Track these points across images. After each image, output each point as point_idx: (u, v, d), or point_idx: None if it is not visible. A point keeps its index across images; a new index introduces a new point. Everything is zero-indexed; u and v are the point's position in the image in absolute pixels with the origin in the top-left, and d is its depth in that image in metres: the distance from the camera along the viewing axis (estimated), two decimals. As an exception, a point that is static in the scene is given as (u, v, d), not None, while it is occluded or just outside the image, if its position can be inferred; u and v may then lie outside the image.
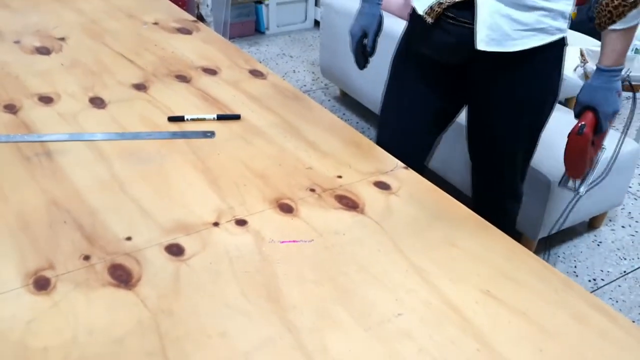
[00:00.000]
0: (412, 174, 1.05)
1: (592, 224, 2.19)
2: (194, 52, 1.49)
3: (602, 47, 1.19)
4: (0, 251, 0.82)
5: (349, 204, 0.96)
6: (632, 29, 1.16)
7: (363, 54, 1.37)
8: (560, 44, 1.24)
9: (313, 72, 3.36)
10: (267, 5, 3.85)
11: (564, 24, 1.22)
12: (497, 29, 1.17)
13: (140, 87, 1.30)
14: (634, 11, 1.12)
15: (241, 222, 0.90)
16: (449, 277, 0.82)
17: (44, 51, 1.45)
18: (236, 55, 1.51)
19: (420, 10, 1.27)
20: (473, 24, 1.19)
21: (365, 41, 1.36)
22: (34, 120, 1.15)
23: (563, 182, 1.40)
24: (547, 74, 1.28)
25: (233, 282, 0.79)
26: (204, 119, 1.19)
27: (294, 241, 0.88)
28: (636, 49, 2.27)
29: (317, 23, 4.09)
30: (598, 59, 1.21)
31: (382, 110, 1.46)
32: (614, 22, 1.14)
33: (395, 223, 0.92)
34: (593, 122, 1.22)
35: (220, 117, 1.19)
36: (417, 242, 0.88)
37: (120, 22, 1.66)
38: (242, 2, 3.73)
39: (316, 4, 4.05)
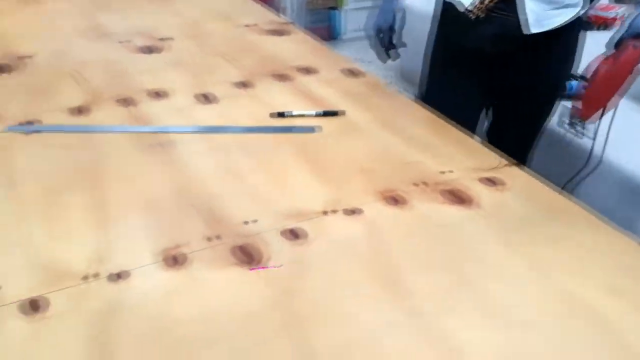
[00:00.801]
0: (517, 171, 1.06)
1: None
2: (290, 53, 1.54)
3: None
4: (134, 230, 0.89)
5: (457, 199, 0.98)
6: None
7: (387, 48, 1.43)
8: (580, 18, 1.37)
9: (388, 77, 3.38)
10: (341, 11, 3.91)
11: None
12: (539, 12, 1.32)
13: (243, 85, 1.36)
14: None
15: (351, 212, 0.93)
16: (569, 271, 0.82)
17: (149, 50, 1.54)
18: (330, 55, 1.55)
19: (466, 4, 1.35)
20: (513, 13, 1.32)
21: (382, 37, 1.44)
22: (148, 113, 1.23)
23: (571, 125, 1.45)
24: (573, 48, 1.43)
25: (352, 267, 0.82)
26: (305, 115, 1.23)
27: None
28: None
29: (390, 29, 4.11)
30: None
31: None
32: None
33: (507, 218, 0.93)
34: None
35: (322, 114, 1.23)
36: (531, 237, 0.89)
37: (218, 25, 1.73)
38: (316, 9, 3.81)
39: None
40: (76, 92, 1.31)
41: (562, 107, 1.49)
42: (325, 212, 0.93)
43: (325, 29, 3.91)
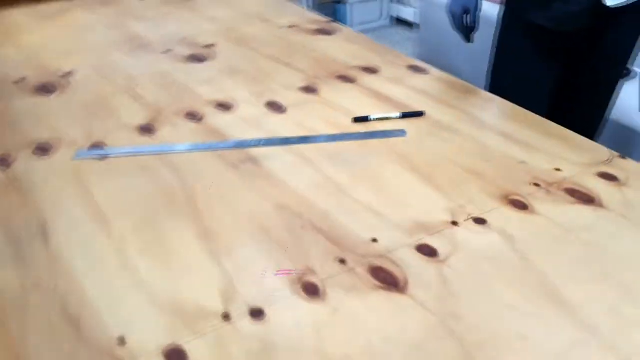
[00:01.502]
0: (631, 163, 1.00)
1: None
2: (344, 53, 1.47)
3: None
4: (256, 257, 0.81)
5: (583, 197, 0.92)
6: None
7: (467, 29, 1.42)
8: None
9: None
10: (345, 5, 3.84)
11: None
12: None
13: (309, 90, 1.29)
14: None
15: (480, 221, 0.87)
16: None
17: (198, 59, 1.46)
18: (387, 52, 1.48)
19: None
20: None
21: (466, 17, 1.42)
22: (218, 126, 1.15)
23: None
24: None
25: (504, 282, 0.76)
26: (388, 118, 1.16)
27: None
28: None
29: (393, 20, 4.05)
30: None
31: (495, 88, 1.47)
32: None
33: (645, 215, 0.87)
34: None
35: (405, 115, 1.17)
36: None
37: (257, 28, 1.65)
38: (323, 3, 3.73)
39: (392, 1, 4.01)
40: (135, 109, 1.23)
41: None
42: (454, 223, 0.86)
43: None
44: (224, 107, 1.22)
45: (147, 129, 1.15)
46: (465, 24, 1.41)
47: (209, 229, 0.87)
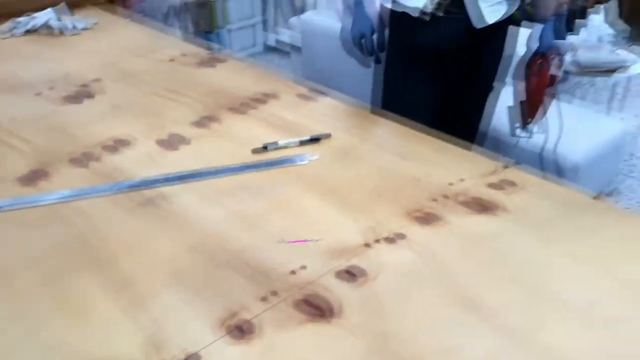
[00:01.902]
0: (519, 172, 1.08)
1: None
2: (234, 82, 1.46)
3: (543, 2, 1.46)
4: (176, 304, 0.77)
5: (480, 207, 0.98)
6: None
7: (371, 53, 1.54)
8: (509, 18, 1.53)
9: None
10: (217, 34, 3.82)
11: None
12: (484, 7, 1.46)
13: (204, 123, 1.26)
14: None
15: (392, 240, 0.90)
16: (620, 258, 0.85)
17: (80, 98, 1.38)
18: (278, 80, 1.49)
19: (420, 5, 1.45)
20: (463, 12, 1.45)
21: (364, 42, 1.53)
22: (114, 168, 1.09)
23: (515, 132, 1.60)
24: (503, 45, 1.60)
25: (425, 296, 0.79)
26: (288, 145, 1.17)
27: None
28: (603, 35, 2.45)
29: (267, 47, 4.10)
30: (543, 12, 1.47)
31: (386, 108, 1.55)
32: None
33: (538, 219, 0.95)
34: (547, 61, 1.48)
35: (305, 141, 1.18)
36: (570, 233, 0.91)
37: (140, 62, 1.60)
38: (195, 33, 3.68)
39: (264, 28, 4.06)
40: (17, 157, 1.14)
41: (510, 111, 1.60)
42: (367, 244, 0.88)
43: (211, 49, 3.80)
44: (115, 147, 1.17)
45: (34, 178, 1.07)
46: (365, 47, 1.49)
47: (122, 279, 0.82)
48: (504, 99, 1.66)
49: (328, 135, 1.19)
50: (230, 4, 3.79)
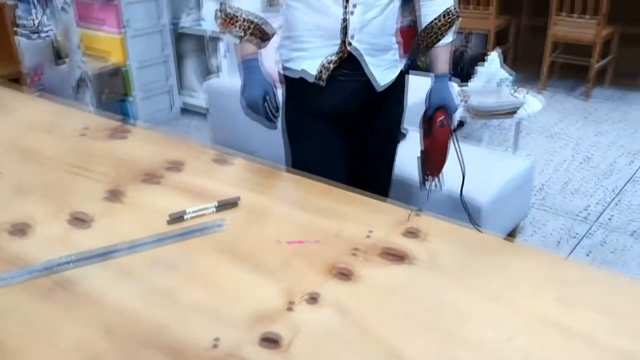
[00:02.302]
0: (428, 217, 1.12)
1: (508, 238, 2.43)
2: (144, 153, 1.45)
3: (435, 60, 1.53)
4: (89, 395, 0.74)
5: (396, 257, 1.00)
6: (452, 42, 1.53)
7: (273, 115, 1.48)
8: (403, 72, 1.60)
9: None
10: (131, 102, 3.79)
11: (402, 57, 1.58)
12: (379, 71, 1.51)
13: (114, 196, 1.23)
14: (452, 28, 1.51)
15: (313, 299, 0.90)
16: (528, 294, 0.89)
17: (-22, 182, 1.31)
18: (189, 147, 1.49)
19: (314, 71, 1.47)
20: (360, 75, 1.49)
21: (268, 102, 1.48)
22: (17, 253, 1.04)
23: (425, 184, 1.64)
24: (403, 91, 1.65)
25: (349, 354, 0.79)
26: (204, 213, 1.16)
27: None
28: (500, 79, 2.61)
29: (183, 110, 4.09)
30: (435, 70, 1.54)
31: (297, 167, 1.51)
32: (439, 40, 1.51)
33: (450, 263, 0.98)
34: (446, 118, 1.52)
35: (220, 206, 1.17)
36: (481, 275, 0.95)
37: (45, 138, 1.55)
38: (107, 102, 3.63)
39: (179, 92, 4.06)
40: None
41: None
42: (287, 308, 0.88)
43: (119, 120, 3.74)
44: (19, 230, 1.11)
45: None
46: (268, 108, 1.43)
47: (28, 374, 0.77)
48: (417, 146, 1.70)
49: (237, 200, 1.19)
50: (142, 70, 3.78)
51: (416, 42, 1.56)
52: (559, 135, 3.49)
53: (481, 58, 2.95)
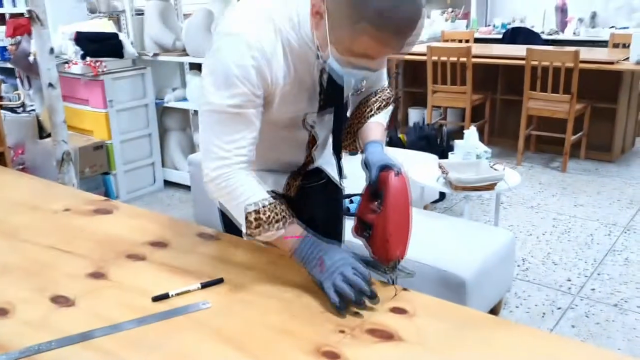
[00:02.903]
0: (414, 293, 1.12)
1: (492, 312, 2.42)
2: (128, 230, 1.44)
3: (368, 132, 1.35)
4: None
5: (383, 335, 1.00)
6: (386, 123, 1.40)
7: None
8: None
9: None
10: (114, 175, 3.79)
11: None
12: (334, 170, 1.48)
13: (97, 275, 1.22)
14: (387, 108, 1.41)
15: (300, 380, 0.88)
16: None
17: (-43, 261, 1.29)
18: (173, 223, 1.49)
19: (281, 189, 1.39)
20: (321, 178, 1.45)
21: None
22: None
23: (391, 271, 1.15)
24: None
25: None
26: (188, 291, 1.15)
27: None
28: (477, 155, 2.69)
29: (167, 183, 4.11)
30: (373, 137, 1.31)
31: None
32: (372, 115, 1.38)
33: (438, 339, 0.98)
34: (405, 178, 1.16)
35: (205, 285, 1.16)
36: (468, 350, 0.94)
37: (28, 216, 1.54)
38: (90, 176, 3.63)
39: (163, 165, 4.09)
40: None
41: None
42: (275, 390, 0.86)
43: (101, 194, 3.73)
44: (2, 311, 1.09)
45: None
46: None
47: None
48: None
49: (221, 280, 1.18)
50: (125, 144, 3.82)
51: (349, 125, 1.41)
52: (539, 207, 3.55)
53: (459, 133, 3.04)
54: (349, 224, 1.35)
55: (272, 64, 1.12)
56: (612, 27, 5.91)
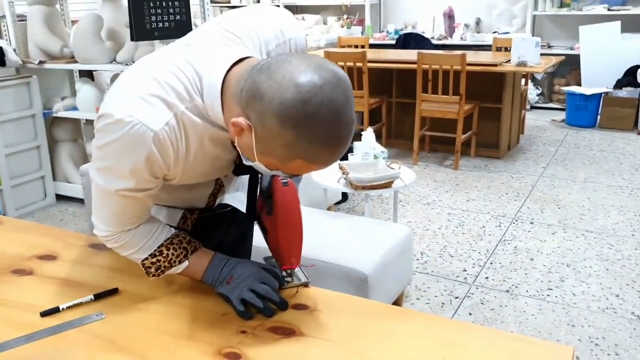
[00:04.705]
0: (315, 289, 1.14)
1: (395, 305, 2.50)
2: (14, 244, 1.36)
3: None
4: None
5: (285, 332, 1.00)
6: None
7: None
8: None
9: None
10: (0, 191, 3.54)
11: None
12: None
13: (-21, 293, 1.14)
14: None
15: (202, 383, 0.87)
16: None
17: None
18: (63, 235, 1.42)
19: (175, 223, 1.24)
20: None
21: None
22: None
23: (288, 277, 1.16)
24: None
25: None
26: (81, 303, 1.10)
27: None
28: (375, 155, 2.77)
29: (60, 197, 3.89)
30: None
31: None
32: None
33: (338, 333, 0.99)
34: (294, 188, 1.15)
35: (98, 296, 1.12)
36: (363, 341, 0.97)
37: None
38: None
39: (54, 178, 3.87)
40: None
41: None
42: (175, 395, 0.84)
43: (-15, 213, 3.47)
44: None
45: None
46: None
47: None
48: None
49: (115, 290, 1.14)
50: (11, 158, 3.58)
51: None
52: (434, 204, 3.71)
53: (357, 135, 3.12)
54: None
55: (167, 150, 0.95)
56: (495, 32, 6.32)
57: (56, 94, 3.94)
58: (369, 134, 2.82)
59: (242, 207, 1.29)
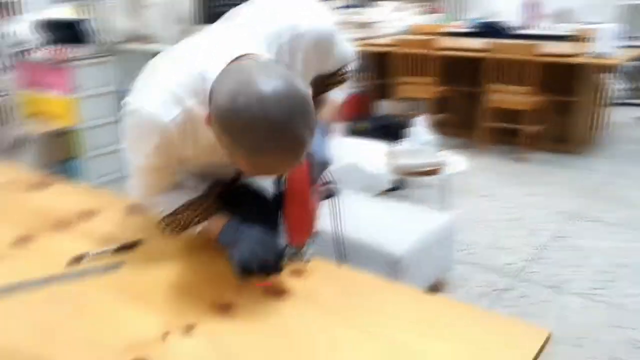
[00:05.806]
0: (320, 262, 1.20)
1: (433, 290, 2.50)
2: (60, 202, 1.51)
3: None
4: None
5: (276, 291, 1.08)
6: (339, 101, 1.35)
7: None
8: None
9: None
10: (75, 163, 3.83)
11: None
12: None
13: (20, 243, 1.29)
14: (342, 85, 1.34)
15: (189, 328, 0.97)
16: (398, 327, 0.97)
17: None
18: (103, 197, 1.56)
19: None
20: None
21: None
22: None
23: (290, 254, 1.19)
24: None
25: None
26: (104, 253, 1.22)
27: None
28: (424, 141, 2.77)
29: (133, 170, 4.15)
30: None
31: None
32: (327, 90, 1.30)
33: (325, 298, 1.06)
34: (307, 168, 1.17)
35: (120, 248, 1.24)
36: (351, 311, 1.02)
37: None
38: (55, 161, 3.68)
39: (129, 152, 4.13)
40: None
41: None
42: (164, 338, 0.94)
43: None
44: None
45: None
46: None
47: None
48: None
49: (139, 242, 1.26)
50: (89, 132, 3.86)
51: None
52: (493, 196, 3.65)
53: (408, 122, 3.13)
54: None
55: (175, 140, 1.05)
56: (583, 22, 6.02)
57: (134, 73, 4.19)
58: (420, 120, 2.83)
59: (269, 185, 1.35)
